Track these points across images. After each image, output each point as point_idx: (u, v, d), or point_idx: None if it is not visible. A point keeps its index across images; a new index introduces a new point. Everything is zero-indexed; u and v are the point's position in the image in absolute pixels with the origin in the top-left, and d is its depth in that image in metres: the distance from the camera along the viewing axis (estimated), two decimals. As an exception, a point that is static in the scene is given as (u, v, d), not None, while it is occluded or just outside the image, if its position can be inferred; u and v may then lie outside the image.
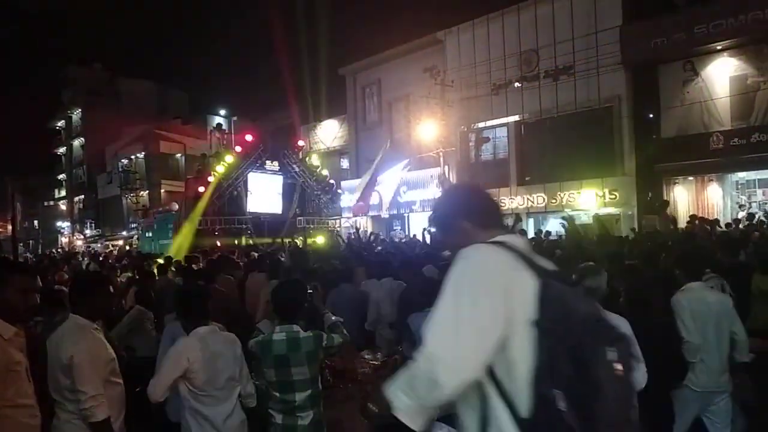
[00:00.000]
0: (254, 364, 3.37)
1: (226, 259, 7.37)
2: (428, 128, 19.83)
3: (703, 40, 14.66)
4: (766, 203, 15.49)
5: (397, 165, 21.52)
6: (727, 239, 7.22)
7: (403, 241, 14.55)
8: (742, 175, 15.97)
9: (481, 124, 19.62)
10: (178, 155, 37.89)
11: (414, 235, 16.17)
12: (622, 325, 2.61)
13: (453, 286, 1.53)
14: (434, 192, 19.34)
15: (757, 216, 12.68)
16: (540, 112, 17.81)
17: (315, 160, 24.73)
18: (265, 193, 22.57)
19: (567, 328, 1.43)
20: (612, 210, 16.07)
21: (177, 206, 22.77)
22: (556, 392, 1.41)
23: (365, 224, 23.80)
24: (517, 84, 18.13)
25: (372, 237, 13.06)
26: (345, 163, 27.16)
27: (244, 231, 20.82)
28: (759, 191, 15.93)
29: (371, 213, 22.94)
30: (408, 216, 22.08)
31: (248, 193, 21.87)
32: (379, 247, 11.28)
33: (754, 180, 15.88)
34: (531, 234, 13.86)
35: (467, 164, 20.21)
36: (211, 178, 20.23)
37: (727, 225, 12.21)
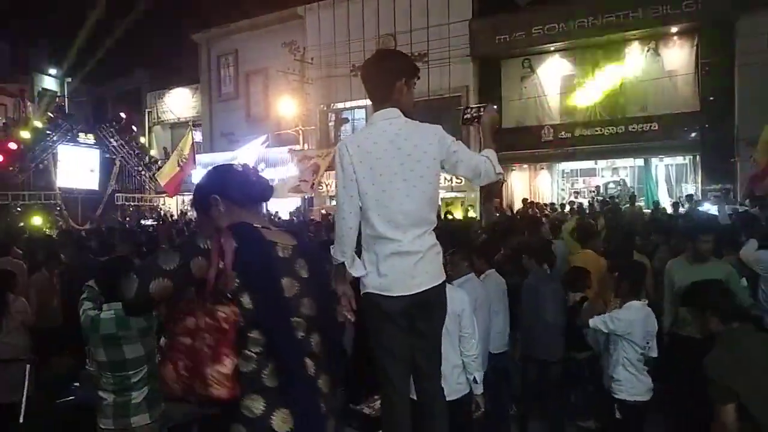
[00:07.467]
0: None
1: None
2: (287, 104, 19.42)
3: (538, 41, 16.13)
4: (590, 190, 17.42)
5: (255, 141, 20.82)
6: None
7: None
8: (567, 165, 18.01)
9: (341, 105, 19.68)
10: (-4, 119, 32.85)
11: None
12: None
13: None
14: (292, 169, 19.03)
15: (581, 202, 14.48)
16: (396, 96, 18.28)
17: (159, 132, 23.15)
18: (77, 168, 20.63)
19: None
20: (458, 194, 17.21)
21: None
22: None
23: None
24: (374, 67, 18.38)
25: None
26: (198, 136, 25.66)
27: (53, 208, 18.83)
28: (581, 179, 18.11)
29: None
30: (266, 194, 21.54)
31: (58, 166, 19.85)
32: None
33: (577, 170, 18.02)
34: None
35: (327, 144, 20.21)
36: (13, 146, 17.80)
37: (562, 206, 13.88)
